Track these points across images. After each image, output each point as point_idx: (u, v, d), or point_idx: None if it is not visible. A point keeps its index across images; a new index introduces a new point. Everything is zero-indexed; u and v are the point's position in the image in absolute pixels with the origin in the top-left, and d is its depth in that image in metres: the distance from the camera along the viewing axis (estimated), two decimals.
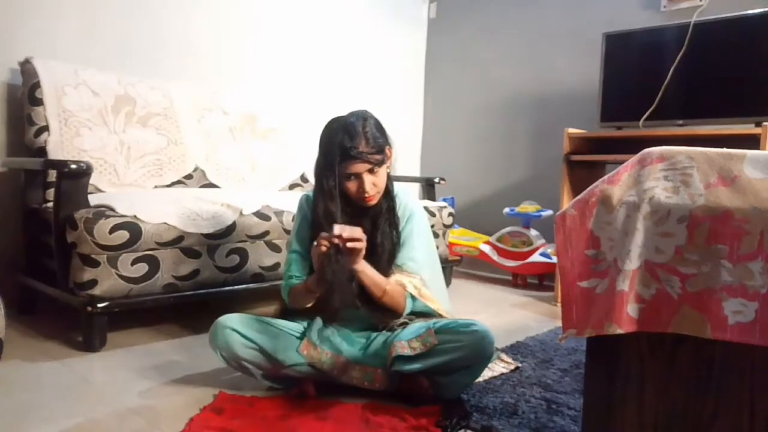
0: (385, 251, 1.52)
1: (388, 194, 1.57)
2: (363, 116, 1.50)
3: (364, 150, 1.44)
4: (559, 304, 2.52)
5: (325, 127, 1.50)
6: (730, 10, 2.56)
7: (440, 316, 1.57)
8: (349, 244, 1.36)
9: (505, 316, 2.54)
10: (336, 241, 1.35)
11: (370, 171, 1.47)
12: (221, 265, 2.04)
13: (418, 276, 1.53)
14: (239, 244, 2.08)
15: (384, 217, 1.55)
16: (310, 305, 1.53)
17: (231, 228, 2.02)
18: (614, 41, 2.83)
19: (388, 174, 1.56)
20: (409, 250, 1.56)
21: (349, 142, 1.43)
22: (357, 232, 1.37)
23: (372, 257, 1.50)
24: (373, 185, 1.48)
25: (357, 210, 1.55)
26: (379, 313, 1.53)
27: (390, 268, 1.52)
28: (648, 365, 0.92)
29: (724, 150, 0.86)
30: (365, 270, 1.44)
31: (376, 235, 1.53)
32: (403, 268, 1.53)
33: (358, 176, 1.47)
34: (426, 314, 1.57)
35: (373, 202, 1.52)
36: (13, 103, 2.30)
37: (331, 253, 1.37)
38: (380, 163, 1.48)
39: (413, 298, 1.52)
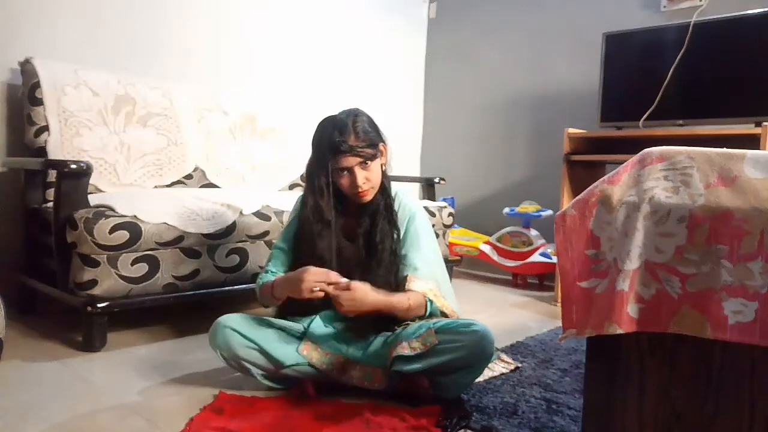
0: (385, 249, 1.52)
1: (384, 191, 1.56)
2: (354, 113, 1.51)
3: (354, 143, 1.45)
4: (559, 304, 2.52)
5: (318, 125, 1.51)
6: (730, 10, 2.56)
7: (446, 316, 1.57)
8: (337, 298, 1.37)
9: (505, 316, 2.54)
10: (328, 288, 1.38)
11: (362, 165, 1.47)
12: (221, 265, 2.04)
13: (433, 281, 1.53)
14: (239, 244, 2.08)
15: (382, 214, 1.54)
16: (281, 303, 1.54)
17: (231, 228, 2.02)
18: (614, 41, 2.83)
19: (384, 171, 1.56)
20: (419, 252, 1.54)
21: (339, 137, 1.44)
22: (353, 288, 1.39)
23: (372, 256, 1.50)
24: (366, 180, 1.48)
25: (354, 208, 1.56)
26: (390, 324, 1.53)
27: (392, 267, 1.51)
28: (648, 365, 0.92)
29: (724, 150, 0.86)
30: (389, 303, 1.44)
31: (375, 234, 1.52)
32: (417, 273, 1.51)
33: (351, 171, 1.47)
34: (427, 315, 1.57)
35: (368, 197, 1.52)
36: (13, 103, 2.30)
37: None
38: (372, 157, 1.48)
39: (431, 302, 1.51)
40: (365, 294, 1.39)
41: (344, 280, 1.40)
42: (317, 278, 1.38)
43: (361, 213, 1.56)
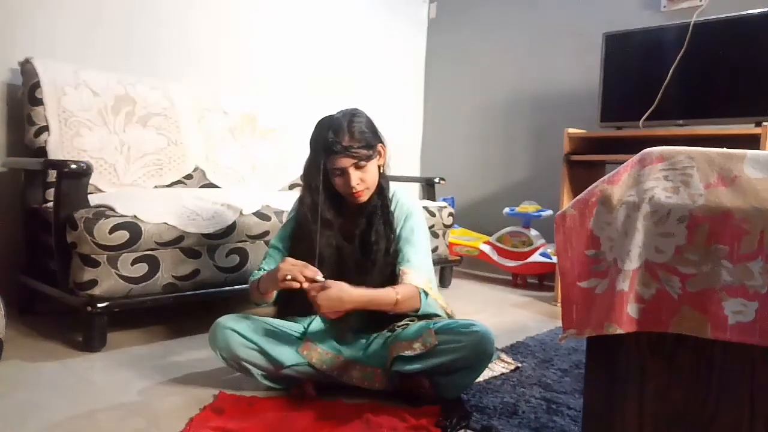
0: (380, 250, 1.52)
1: (382, 192, 1.56)
2: (352, 113, 1.50)
3: (349, 144, 1.44)
4: (559, 304, 2.52)
5: (315, 125, 1.51)
6: (730, 10, 2.56)
7: (447, 315, 1.57)
8: (314, 299, 1.36)
9: (505, 316, 2.54)
10: (302, 281, 1.37)
11: (357, 166, 1.47)
12: (221, 265, 2.04)
13: (425, 275, 1.53)
14: (239, 244, 2.08)
15: (378, 215, 1.54)
16: (270, 303, 1.54)
17: (231, 228, 2.02)
18: (614, 41, 2.83)
19: (382, 172, 1.56)
20: (414, 248, 1.54)
21: (333, 137, 1.44)
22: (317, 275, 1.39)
23: (367, 256, 1.51)
24: (360, 180, 1.48)
25: (351, 209, 1.56)
26: (385, 322, 1.53)
27: (387, 268, 1.51)
28: (648, 365, 0.92)
29: (724, 150, 0.86)
30: (372, 299, 1.42)
31: (371, 234, 1.52)
32: (411, 266, 1.51)
33: (344, 171, 1.47)
34: (427, 315, 1.57)
35: (363, 198, 1.52)
36: (13, 103, 2.30)
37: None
38: (367, 158, 1.48)
39: (426, 294, 1.50)
40: (341, 291, 1.37)
41: (321, 278, 1.38)
42: (292, 268, 1.38)
43: (358, 214, 1.56)
